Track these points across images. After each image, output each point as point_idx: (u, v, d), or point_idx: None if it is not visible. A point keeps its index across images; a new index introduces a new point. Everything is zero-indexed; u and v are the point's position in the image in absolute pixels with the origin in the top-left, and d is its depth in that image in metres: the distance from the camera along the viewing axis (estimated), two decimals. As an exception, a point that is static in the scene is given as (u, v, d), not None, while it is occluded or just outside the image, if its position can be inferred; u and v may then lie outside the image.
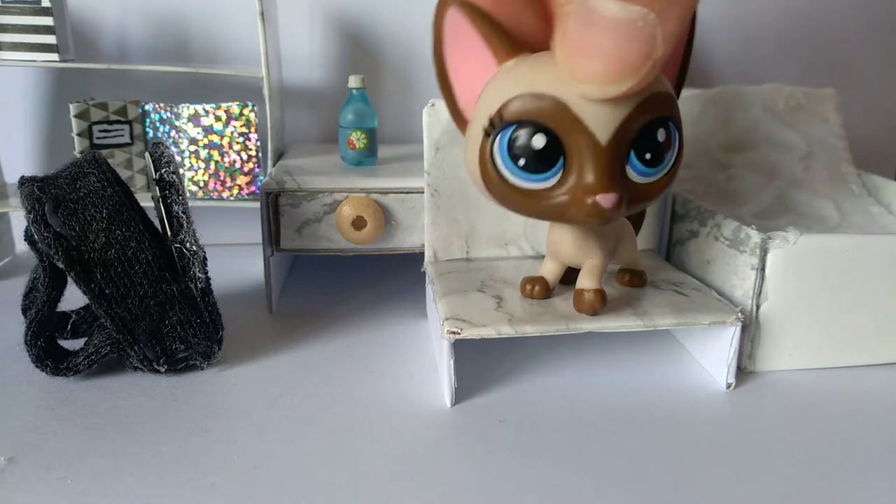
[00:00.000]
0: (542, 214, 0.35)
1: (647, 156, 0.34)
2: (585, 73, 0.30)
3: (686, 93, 0.61)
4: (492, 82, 0.35)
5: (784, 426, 0.39)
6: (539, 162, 0.33)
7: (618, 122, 0.32)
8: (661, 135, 0.34)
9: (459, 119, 0.37)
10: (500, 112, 0.33)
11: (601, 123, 0.32)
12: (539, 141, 0.33)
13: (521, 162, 0.33)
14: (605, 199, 0.33)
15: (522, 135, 0.33)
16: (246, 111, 0.56)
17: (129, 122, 0.60)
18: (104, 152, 0.58)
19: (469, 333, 0.39)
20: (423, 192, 0.49)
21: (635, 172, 0.34)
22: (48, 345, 0.41)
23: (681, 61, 0.38)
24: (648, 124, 0.33)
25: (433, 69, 0.36)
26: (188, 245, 0.41)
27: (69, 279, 0.41)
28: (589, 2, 0.29)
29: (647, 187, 0.35)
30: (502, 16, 0.34)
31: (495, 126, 0.33)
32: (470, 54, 0.35)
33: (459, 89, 0.37)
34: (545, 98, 0.32)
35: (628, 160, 0.34)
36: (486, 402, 0.41)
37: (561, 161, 0.33)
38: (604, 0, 0.28)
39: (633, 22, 0.28)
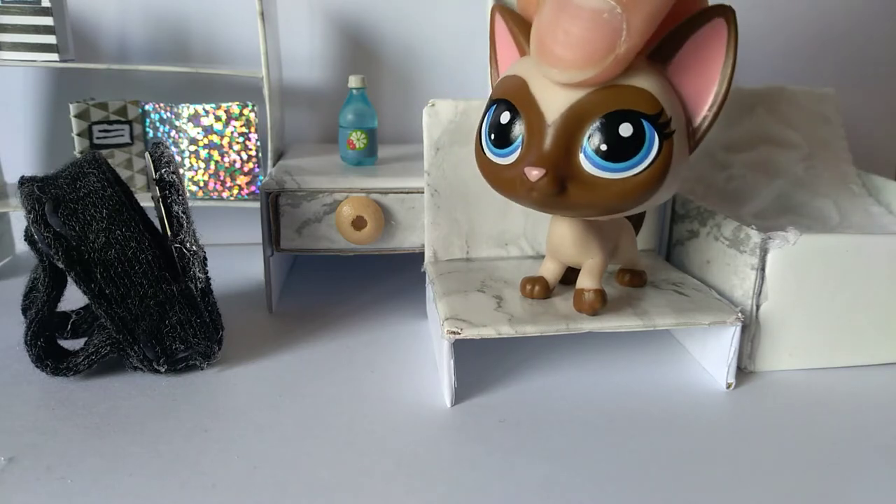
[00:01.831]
0: (506, 191, 0.37)
1: (603, 147, 0.33)
2: (551, 57, 0.32)
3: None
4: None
5: (784, 426, 0.39)
6: (503, 136, 0.36)
7: (567, 104, 0.33)
8: (624, 129, 0.33)
9: None
10: (491, 93, 0.37)
11: (551, 103, 0.34)
12: (505, 117, 0.35)
13: (493, 136, 0.36)
14: (532, 172, 0.33)
15: (496, 110, 0.36)
16: (246, 111, 0.56)
17: (129, 122, 0.60)
18: (104, 152, 0.58)
19: (469, 333, 0.39)
20: (423, 192, 0.49)
21: (590, 163, 0.33)
22: (48, 345, 0.41)
23: (720, 73, 0.35)
24: (611, 115, 0.33)
25: (489, 45, 0.42)
26: (188, 245, 0.41)
27: (69, 279, 0.41)
28: None
29: (607, 183, 0.33)
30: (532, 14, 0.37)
31: (488, 105, 0.37)
32: (508, 47, 0.41)
33: (500, 69, 0.42)
34: (515, 77, 0.35)
35: (582, 148, 0.33)
36: (486, 402, 0.41)
37: (520, 139, 0.35)
38: None
39: (601, 13, 0.30)
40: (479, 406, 0.40)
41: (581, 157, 0.33)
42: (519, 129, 0.35)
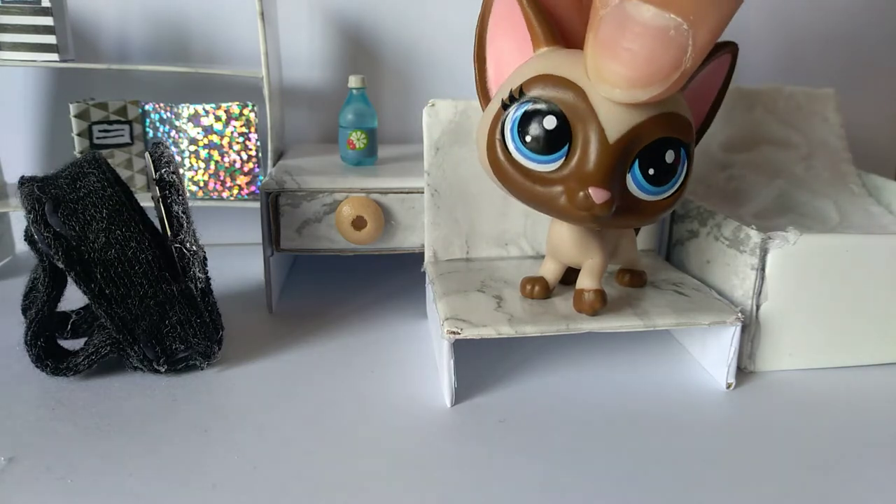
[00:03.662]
0: (535, 200, 0.35)
1: (651, 171, 0.34)
2: (613, 76, 0.31)
3: (686, 93, 0.61)
4: (525, 63, 0.36)
5: (784, 426, 0.39)
6: (545, 143, 0.33)
7: (631, 125, 0.32)
8: (669, 156, 0.34)
9: (484, 95, 0.38)
10: (521, 86, 0.34)
11: (614, 121, 0.32)
12: (550, 122, 0.33)
13: (528, 139, 0.34)
14: (598, 194, 0.32)
15: (537, 112, 0.33)
16: (246, 111, 0.56)
17: (129, 122, 0.60)
18: (104, 152, 0.58)
19: (469, 333, 0.39)
20: (423, 192, 0.49)
21: (635, 185, 0.34)
22: (48, 345, 0.41)
23: (716, 96, 0.38)
24: (660, 140, 0.33)
25: (474, 40, 0.38)
26: (188, 245, 0.41)
27: (69, 279, 0.41)
28: (625, 6, 0.29)
29: (642, 204, 0.35)
30: (549, 5, 0.35)
31: (514, 99, 0.34)
32: (511, 35, 0.36)
33: (492, 67, 0.38)
34: (567, 82, 0.33)
35: (630, 169, 0.34)
36: (486, 402, 0.41)
37: (566, 148, 0.33)
38: (640, 5, 0.29)
39: (667, 30, 0.28)
40: (479, 406, 0.40)
41: (628, 178, 0.34)
42: (564, 138, 0.33)
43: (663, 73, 0.30)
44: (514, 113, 0.34)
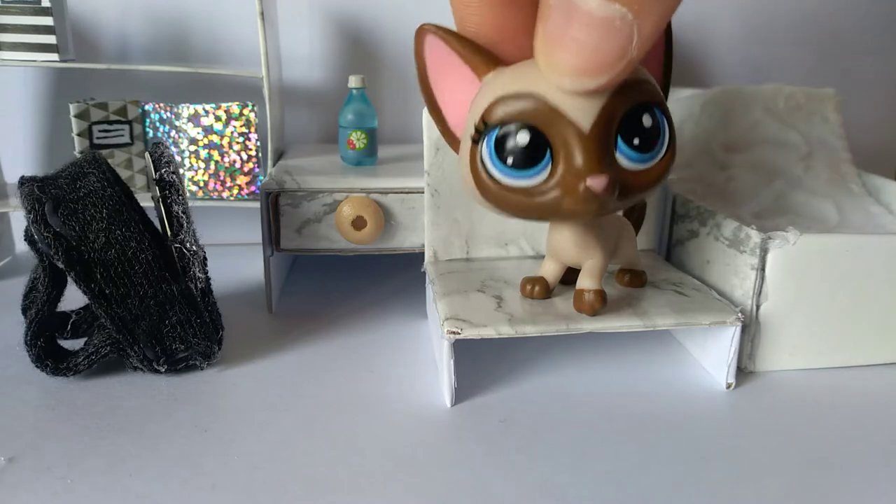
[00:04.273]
0: (540, 213, 0.35)
1: (636, 141, 0.34)
2: (561, 66, 0.31)
3: (686, 93, 0.61)
4: (476, 97, 0.36)
5: (784, 426, 0.39)
6: (526, 158, 0.34)
7: (598, 109, 0.33)
8: (646, 120, 0.34)
9: (452, 139, 0.39)
10: (483, 118, 0.34)
11: (582, 111, 0.33)
12: (523, 137, 0.33)
13: (510, 160, 0.34)
14: (597, 182, 0.33)
15: (507, 134, 0.34)
16: (246, 111, 0.56)
17: (129, 122, 0.60)
18: (104, 152, 0.58)
19: (469, 333, 0.39)
20: (423, 192, 0.49)
21: (626, 159, 0.34)
22: (48, 345, 0.41)
23: (663, 64, 0.38)
24: (632, 110, 0.34)
25: (422, 95, 0.38)
26: (188, 245, 0.41)
27: (69, 279, 0.41)
28: None
29: (640, 175, 0.35)
30: (477, 33, 0.35)
31: (481, 131, 0.34)
32: (452, 75, 0.36)
33: (448, 111, 0.38)
34: (524, 95, 0.33)
35: (617, 146, 0.34)
36: (486, 402, 0.41)
37: (548, 155, 0.34)
38: None
39: (612, 20, 0.29)
40: (479, 406, 0.40)
41: (618, 155, 0.34)
42: (544, 146, 0.33)
43: (609, 62, 0.30)
44: (487, 143, 0.34)
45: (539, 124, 0.33)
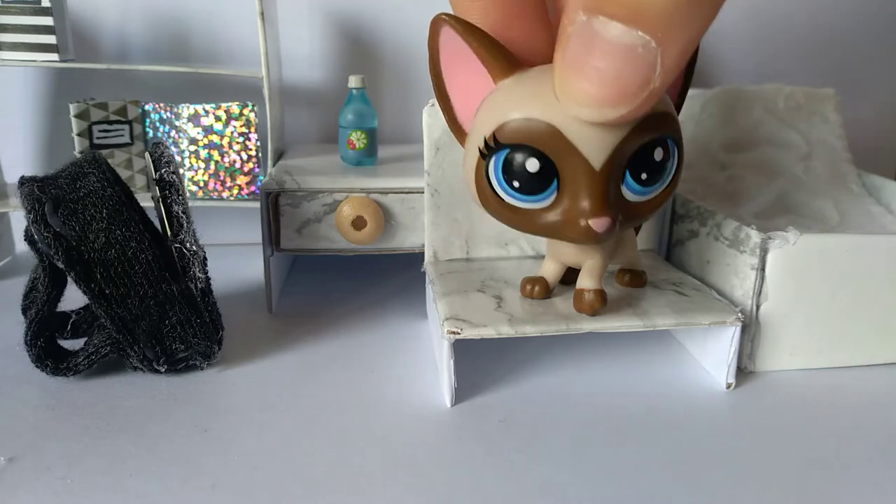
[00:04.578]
0: (537, 231, 0.36)
1: (644, 176, 0.34)
2: (581, 95, 0.30)
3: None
4: (489, 98, 0.35)
5: (784, 426, 0.39)
6: (533, 185, 0.34)
7: (612, 148, 0.32)
8: (657, 154, 0.34)
9: (458, 131, 0.38)
10: (494, 135, 0.33)
11: (595, 149, 0.32)
12: (533, 165, 0.33)
13: (516, 184, 0.34)
14: (598, 224, 0.33)
15: (516, 158, 0.33)
16: (246, 111, 0.56)
17: (129, 122, 0.60)
18: (104, 152, 0.58)
19: (469, 333, 0.39)
20: (423, 192, 0.49)
21: (631, 192, 0.34)
22: (48, 345, 0.41)
23: (681, 85, 0.38)
24: (645, 145, 0.33)
25: (432, 85, 0.37)
26: (188, 245, 0.41)
27: (69, 279, 0.41)
28: (592, 23, 0.28)
29: (643, 205, 0.35)
30: (498, 31, 0.34)
31: (490, 148, 0.34)
32: (466, 69, 0.35)
33: (457, 103, 0.37)
34: (539, 123, 0.32)
35: (624, 181, 0.34)
36: (486, 402, 0.41)
37: (555, 184, 0.34)
38: (607, 23, 0.28)
39: (634, 48, 0.28)
40: (479, 406, 0.40)
41: (623, 188, 0.34)
42: (552, 175, 0.33)
43: (631, 91, 0.29)
44: (495, 161, 0.34)
45: (550, 154, 0.33)
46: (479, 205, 0.36)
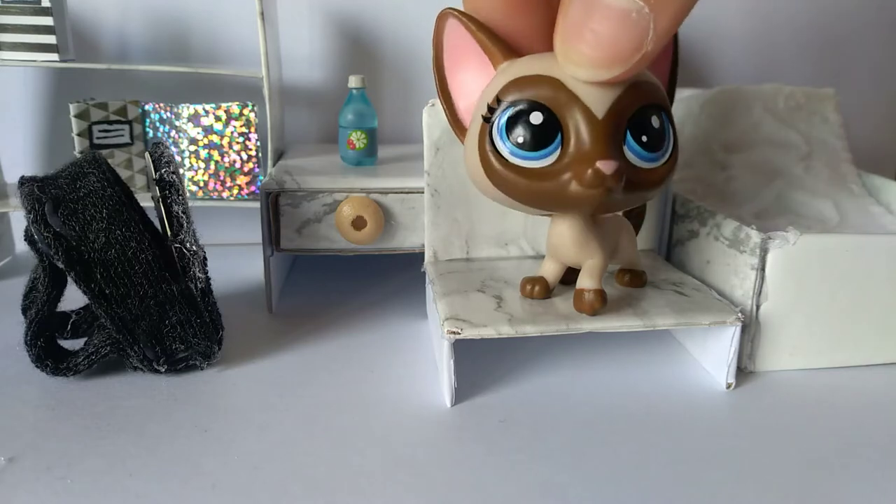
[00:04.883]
0: (544, 197, 0.36)
1: (644, 138, 0.35)
2: (578, 57, 0.32)
3: (686, 93, 0.61)
4: (490, 83, 0.37)
5: (784, 426, 0.39)
6: (537, 138, 0.34)
7: (612, 99, 0.34)
8: (655, 121, 0.35)
9: (458, 127, 0.39)
10: (497, 96, 0.35)
11: (596, 99, 0.34)
12: (536, 117, 0.34)
13: (521, 139, 0.35)
14: (606, 165, 0.33)
15: (520, 113, 0.35)
16: (246, 111, 0.56)
17: (129, 122, 0.60)
18: (104, 152, 0.58)
19: (469, 333, 0.39)
20: (423, 192, 0.49)
21: (633, 154, 0.35)
22: (48, 345, 0.41)
23: (670, 73, 0.40)
24: (642, 109, 0.35)
25: (434, 79, 0.39)
26: (188, 245, 0.41)
27: (69, 279, 0.41)
28: None
29: (644, 173, 0.36)
30: (499, 23, 0.37)
31: (494, 109, 0.35)
32: (468, 62, 0.38)
33: (458, 97, 0.39)
34: (540, 78, 0.34)
35: (625, 141, 0.35)
36: (486, 402, 0.41)
37: (559, 137, 0.34)
38: None
39: (629, 13, 0.30)
40: (479, 406, 0.40)
41: (625, 149, 0.35)
42: (555, 129, 0.34)
43: (625, 54, 0.32)
44: (499, 121, 0.35)
45: (553, 106, 0.34)
46: (485, 182, 0.36)
